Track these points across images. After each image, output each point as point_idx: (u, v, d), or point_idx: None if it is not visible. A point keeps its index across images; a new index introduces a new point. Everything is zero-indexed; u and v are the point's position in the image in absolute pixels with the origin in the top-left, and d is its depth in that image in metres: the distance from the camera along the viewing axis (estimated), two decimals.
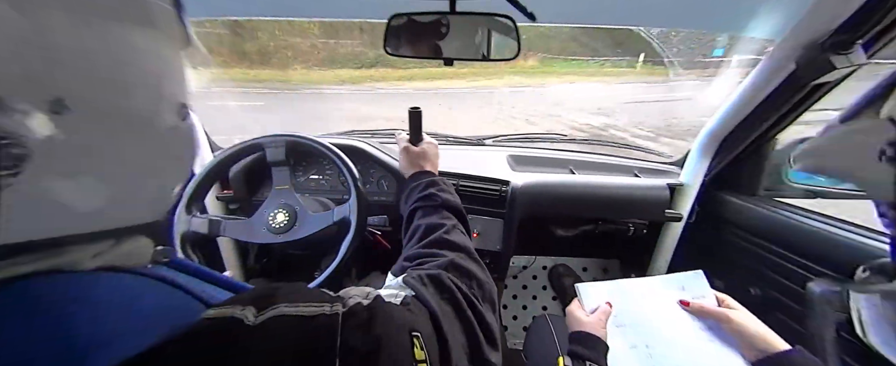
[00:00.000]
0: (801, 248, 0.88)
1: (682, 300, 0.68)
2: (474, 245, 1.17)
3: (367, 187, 1.05)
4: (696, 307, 0.66)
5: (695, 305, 0.66)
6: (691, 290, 0.69)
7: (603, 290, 0.72)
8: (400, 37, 0.78)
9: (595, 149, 1.49)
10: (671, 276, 0.72)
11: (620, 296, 0.70)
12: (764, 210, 0.99)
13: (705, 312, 0.65)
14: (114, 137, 0.24)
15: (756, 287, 0.99)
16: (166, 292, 0.29)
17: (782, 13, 0.78)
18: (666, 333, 0.65)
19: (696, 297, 0.68)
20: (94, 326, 0.23)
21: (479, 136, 1.49)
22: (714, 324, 0.64)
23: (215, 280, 0.35)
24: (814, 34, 0.72)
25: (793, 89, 0.86)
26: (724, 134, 1.07)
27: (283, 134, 0.95)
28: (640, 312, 0.68)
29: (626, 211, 1.19)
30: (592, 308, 0.69)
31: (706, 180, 1.16)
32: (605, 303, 0.69)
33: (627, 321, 0.68)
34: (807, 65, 0.74)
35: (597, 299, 0.70)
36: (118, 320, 0.24)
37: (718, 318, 0.63)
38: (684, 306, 0.67)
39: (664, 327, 0.66)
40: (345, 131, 1.42)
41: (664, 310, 0.68)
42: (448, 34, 0.75)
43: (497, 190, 1.09)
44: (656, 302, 0.69)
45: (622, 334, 0.66)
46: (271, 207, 0.92)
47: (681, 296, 0.68)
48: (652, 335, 0.66)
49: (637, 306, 0.69)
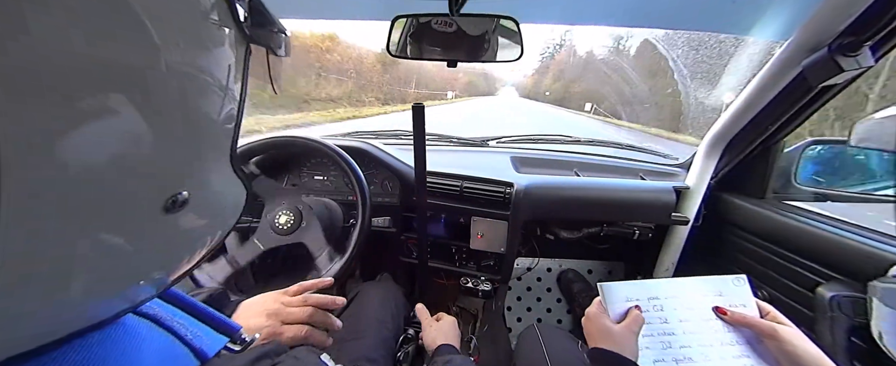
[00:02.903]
0: (810, 252, 0.86)
1: (719, 308, 0.60)
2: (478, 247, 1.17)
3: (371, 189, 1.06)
4: (735, 317, 0.58)
5: (734, 314, 0.58)
6: (730, 296, 0.61)
7: (629, 290, 0.63)
8: (402, 38, 0.79)
9: (600, 150, 1.48)
10: (709, 278, 0.63)
11: (649, 299, 0.62)
12: (772, 213, 0.98)
13: (747, 323, 0.57)
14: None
15: (763, 291, 0.98)
16: (158, 340, 0.29)
17: (789, 15, 0.78)
18: (695, 345, 0.58)
19: (736, 305, 0.60)
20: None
21: (483, 137, 1.50)
22: (753, 337, 0.57)
23: (196, 311, 0.35)
24: (820, 36, 0.71)
25: (800, 91, 0.85)
26: (730, 136, 1.06)
27: (288, 135, 0.96)
28: (668, 318, 0.61)
29: (632, 214, 1.18)
30: (618, 312, 0.60)
31: (712, 183, 1.15)
32: (635, 307, 0.60)
33: (654, 330, 0.60)
34: (814, 67, 0.73)
35: (623, 302, 0.62)
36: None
37: (762, 331, 0.55)
38: (721, 315, 0.59)
39: (693, 337, 0.59)
40: (349, 133, 1.43)
41: (695, 317, 0.60)
42: (451, 36, 0.76)
43: (501, 192, 1.09)
44: (687, 307, 0.61)
45: (647, 345, 0.58)
46: (276, 208, 0.93)
47: (718, 302, 0.61)
48: (679, 348, 0.58)
49: (666, 311, 0.61)
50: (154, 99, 0.21)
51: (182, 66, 0.22)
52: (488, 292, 1.20)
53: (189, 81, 0.23)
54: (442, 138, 1.48)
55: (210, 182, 0.28)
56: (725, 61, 6.84)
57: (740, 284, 0.62)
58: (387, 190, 1.21)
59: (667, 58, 10.09)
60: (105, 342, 0.26)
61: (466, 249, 1.19)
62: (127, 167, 0.20)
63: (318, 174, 1.23)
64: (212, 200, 0.29)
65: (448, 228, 1.25)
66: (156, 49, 0.20)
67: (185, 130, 0.24)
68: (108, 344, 0.26)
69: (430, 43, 0.78)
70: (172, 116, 0.23)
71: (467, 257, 1.24)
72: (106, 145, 0.19)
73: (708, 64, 8.11)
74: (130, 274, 0.25)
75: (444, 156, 1.34)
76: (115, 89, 0.19)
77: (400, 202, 1.18)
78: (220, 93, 0.26)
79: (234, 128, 0.29)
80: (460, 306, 1.48)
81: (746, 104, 0.95)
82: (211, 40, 0.25)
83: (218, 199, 0.30)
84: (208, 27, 0.24)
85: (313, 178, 1.23)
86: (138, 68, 0.20)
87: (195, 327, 0.33)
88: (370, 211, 0.91)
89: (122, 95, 0.19)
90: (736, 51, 4.68)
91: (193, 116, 0.25)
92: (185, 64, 0.23)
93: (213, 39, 0.25)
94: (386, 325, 0.89)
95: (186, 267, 0.30)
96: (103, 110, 0.18)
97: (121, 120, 0.19)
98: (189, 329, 0.31)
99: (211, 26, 0.25)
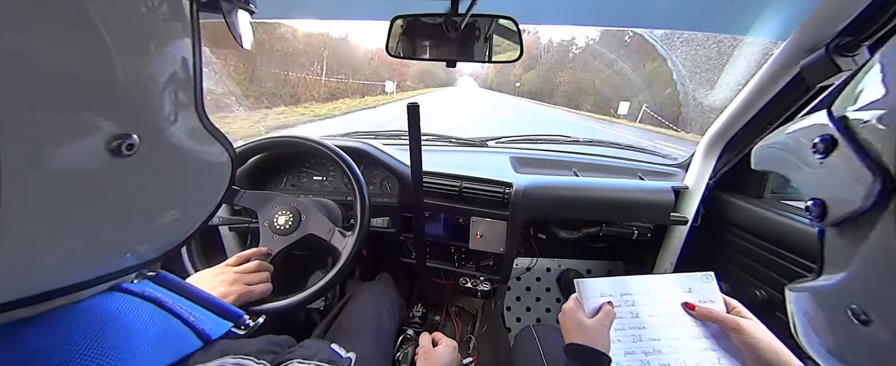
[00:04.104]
0: (808, 251, 0.87)
1: (687, 303, 0.63)
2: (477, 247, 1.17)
3: (370, 189, 1.06)
4: (702, 312, 0.61)
5: (701, 309, 0.62)
6: (699, 292, 0.64)
7: (604, 286, 0.66)
8: (401, 39, 0.79)
9: (599, 150, 1.48)
10: (679, 275, 0.67)
11: (621, 295, 0.66)
12: (770, 213, 0.98)
13: (712, 317, 0.60)
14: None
15: (762, 290, 0.98)
16: (160, 319, 0.30)
17: (787, 15, 0.78)
18: (665, 338, 0.61)
19: (704, 301, 0.63)
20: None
21: (482, 137, 1.50)
22: (719, 332, 0.60)
23: (198, 298, 0.36)
24: (818, 36, 0.71)
25: (798, 92, 0.85)
26: (728, 136, 1.07)
27: (287, 136, 0.96)
28: (639, 313, 0.64)
29: (631, 214, 1.19)
30: (593, 307, 0.64)
31: (711, 183, 1.15)
32: (607, 303, 0.64)
33: (625, 324, 0.63)
34: (812, 67, 0.73)
35: (597, 297, 0.65)
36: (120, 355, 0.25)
37: (727, 325, 0.59)
38: (689, 310, 0.63)
39: (663, 331, 0.62)
40: (348, 133, 1.43)
41: (665, 312, 0.64)
42: (450, 36, 0.76)
43: (500, 192, 1.09)
44: (658, 302, 0.65)
45: (619, 338, 0.62)
46: (275, 208, 0.92)
47: (687, 298, 0.64)
48: (649, 340, 0.61)
49: (637, 306, 0.65)
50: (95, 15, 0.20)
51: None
52: (487, 292, 1.20)
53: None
54: (441, 138, 1.48)
55: (167, 132, 0.26)
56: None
57: (708, 281, 0.65)
58: (386, 190, 1.21)
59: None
60: (105, 319, 0.26)
61: (465, 249, 1.19)
62: (62, 77, 0.20)
63: (317, 175, 1.23)
64: (172, 155, 0.27)
65: (447, 228, 1.25)
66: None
67: (128, 61, 0.23)
68: (108, 321, 0.27)
69: (430, 43, 0.78)
70: (117, 36, 0.22)
71: (466, 257, 1.24)
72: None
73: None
74: (89, 227, 0.24)
75: (443, 156, 1.34)
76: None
77: (399, 203, 1.18)
78: (169, 27, 0.25)
79: (195, 73, 0.28)
80: (459, 306, 1.48)
81: (745, 104, 0.95)
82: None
83: (180, 155, 0.28)
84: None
85: (312, 178, 1.23)
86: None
87: (198, 311, 0.34)
88: (369, 211, 0.91)
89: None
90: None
91: (138, 47, 0.24)
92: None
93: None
94: (382, 325, 0.89)
95: (171, 240, 0.29)
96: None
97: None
98: (192, 313, 0.32)
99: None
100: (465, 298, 1.47)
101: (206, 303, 0.37)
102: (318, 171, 1.24)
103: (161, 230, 0.29)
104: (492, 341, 1.36)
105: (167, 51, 0.26)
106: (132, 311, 0.29)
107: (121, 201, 0.25)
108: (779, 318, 0.90)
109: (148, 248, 0.29)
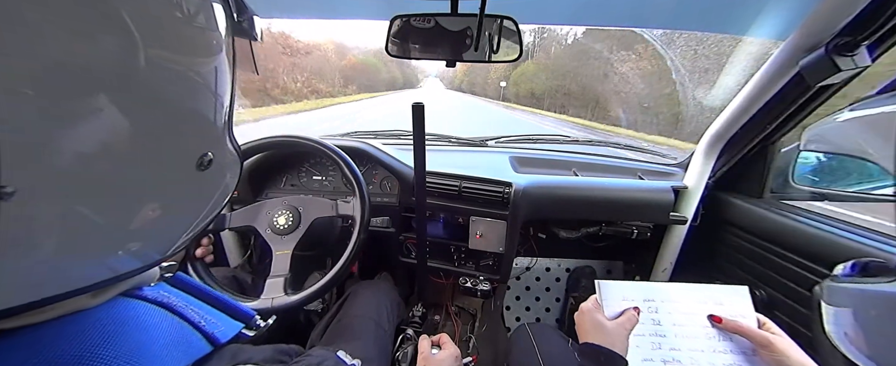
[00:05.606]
0: (807, 251, 0.87)
1: (713, 315, 0.61)
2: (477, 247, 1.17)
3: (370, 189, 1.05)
4: (731, 325, 0.59)
5: (730, 322, 0.59)
6: (730, 306, 0.61)
7: (627, 290, 0.64)
8: (401, 38, 0.78)
9: (598, 150, 1.48)
10: (710, 287, 0.64)
11: (644, 300, 0.63)
12: (770, 212, 0.98)
13: (742, 330, 0.58)
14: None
15: (761, 290, 0.98)
16: (169, 324, 0.31)
17: (786, 15, 0.78)
18: (685, 349, 0.59)
19: (735, 315, 0.60)
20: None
21: (481, 137, 1.50)
22: (748, 347, 0.58)
23: (212, 299, 0.38)
24: (818, 36, 0.71)
25: (797, 91, 0.85)
26: (728, 136, 1.07)
27: (287, 136, 0.96)
28: (661, 320, 0.62)
29: (630, 214, 1.19)
30: (614, 311, 0.61)
31: (710, 182, 1.15)
32: (633, 309, 0.61)
33: (646, 331, 0.61)
34: (811, 67, 0.73)
35: (619, 300, 0.63)
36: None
37: (756, 341, 0.56)
38: (715, 323, 0.60)
39: (684, 341, 0.60)
40: (347, 133, 1.43)
41: (690, 322, 0.61)
42: (450, 36, 0.75)
43: (500, 192, 1.09)
44: (683, 312, 0.62)
45: (637, 344, 0.59)
46: (274, 208, 0.92)
47: (716, 310, 0.61)
48: (669, 350, 0.59)
49: (660, 313, 0.62)
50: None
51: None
52: (487, 291, 1.20)
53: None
54: (441, 138, 1.48)
55: (223, 146, 0.33)
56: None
57: (741, 294, 0.63)
58: (386, 190, 1.21)
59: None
60: (117, 324, 0.27)
61: (465, 248, 1.19)
62: (166, 132, 0.26)
63: (317, 174, 1.23)
64: (227, 161, 0.35)
65: (447, 227, 1.25)
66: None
67: (199, 106, 0.29)
68: (119, 326, 0.27)
69: (429, 43, 0.78)
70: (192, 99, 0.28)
71: (466, 257, 1.24)
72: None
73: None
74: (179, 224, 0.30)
75: (443, 156, 1.34)
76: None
77: (399, 202, 1.18)
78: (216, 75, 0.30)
79: (230, 99, 0.33)
80: (459, 306, 1.48)
81: (744, 104, 0.95)
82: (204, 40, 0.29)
83: (228, 159, 0.35)
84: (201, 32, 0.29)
85: (312, 178, 1.23)
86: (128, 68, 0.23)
87: (209, 313, 0.35)
88: (369, 211, 0.91)
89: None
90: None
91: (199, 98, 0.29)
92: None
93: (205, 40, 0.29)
94: (381, 324, 0.89)
95: (178, 244, 0.33)
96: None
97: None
98: (202, 316, 0.34)
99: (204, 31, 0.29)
100: (464, 297, 1.47)
101: (219, 303, 0.38)
102: (317, 170, 1.24)
103: (178, 237, 0.32)
104: (491, 340, 1.36)
105: (226, 78, 0.32)
106: (146, 316, 0.30)
107: (196, 201, 0.32)
108: (779, 318, 0.91)
109: (154, 250, 0.31)
